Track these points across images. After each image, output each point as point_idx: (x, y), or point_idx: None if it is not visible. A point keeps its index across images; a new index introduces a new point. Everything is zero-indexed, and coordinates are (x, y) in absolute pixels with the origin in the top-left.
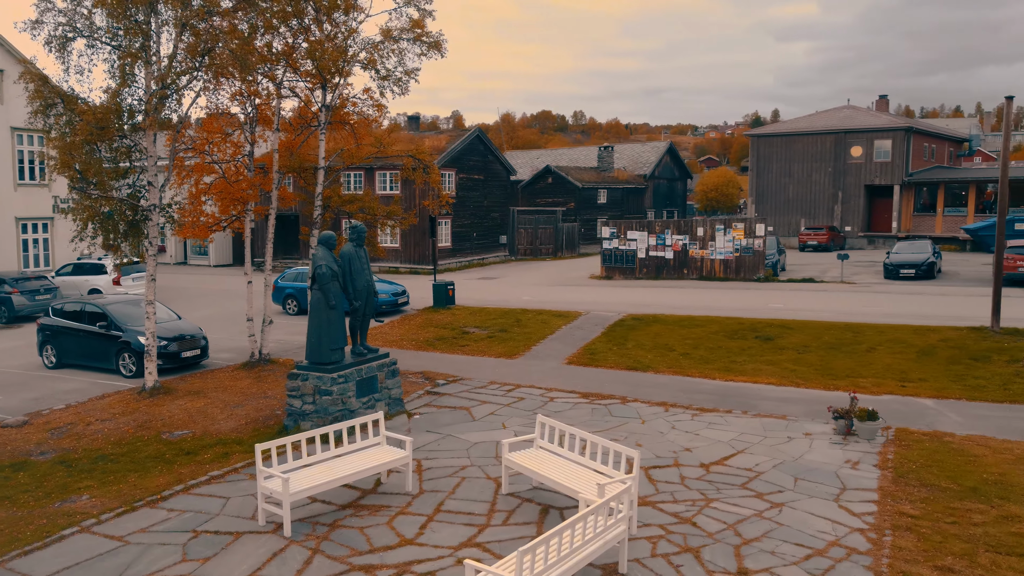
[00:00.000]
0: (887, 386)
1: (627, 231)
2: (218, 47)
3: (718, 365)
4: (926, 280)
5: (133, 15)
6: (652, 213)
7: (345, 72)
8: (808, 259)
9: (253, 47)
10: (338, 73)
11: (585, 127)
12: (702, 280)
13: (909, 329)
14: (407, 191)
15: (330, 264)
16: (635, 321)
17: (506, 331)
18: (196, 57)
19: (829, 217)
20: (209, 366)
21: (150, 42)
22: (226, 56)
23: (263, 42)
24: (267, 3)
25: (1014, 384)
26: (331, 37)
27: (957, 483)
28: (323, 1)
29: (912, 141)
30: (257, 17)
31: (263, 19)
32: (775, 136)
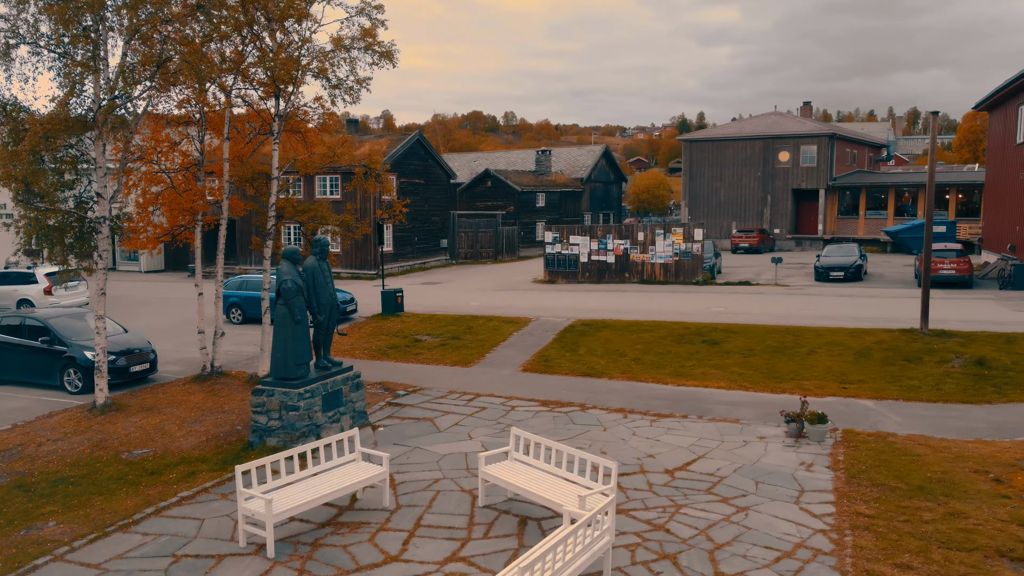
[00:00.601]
0: (829, 388)
1: (569, 236)
2: (173, 57)
3: (669, 370)
4: (854, 282)
5: (82, 22)
6: (589, 216)
7: (299, 82)
8: (741, 261)
9: (209, 58)
10: (291, 83)
11: (516, 128)
12: (643, 284)
13: (846, 332)
14: (348, 195)
15: (295, 279)
16: (585, 327)
17: (458, 338)
18: (150, 67)
19: (759, 220)
20: (159, 380)
21: (99, 50)
22: (182, 67)
23: (214, 50)
24: (219, 11)
25: (945, 384)
26: (284, 46)
27: (905, 482)
28: (275, 9)
29: (835, 147)
30: (209, 25)
31: (214, 27)
32: (707, 141)
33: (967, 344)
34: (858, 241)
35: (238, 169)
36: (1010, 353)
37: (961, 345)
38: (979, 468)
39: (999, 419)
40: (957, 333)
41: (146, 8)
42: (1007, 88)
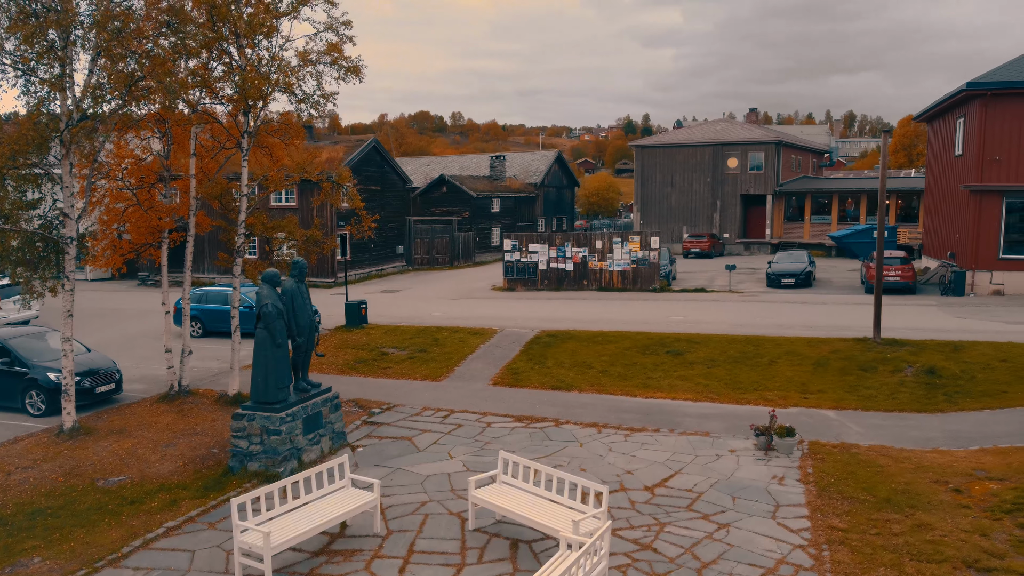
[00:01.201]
0: (792, 398)
1: (528, 244)
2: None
3: (636, 382)
4: (804, 288)
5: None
6: (542, 221)
7: (268, 99)
8: (694, 266)
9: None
10: (261, 99)
11: (464, 128)
12: (601, 291)
13: (803, 341)
14: (303, 202)
15: (275, 302)
16: (550, 338)
17: (426, 351)
18: (120, 86)
19: (709, 224)
20: (124, 400)
21: (66, 68)
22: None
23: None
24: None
25: (900, 393)
26: (254, 63)
27: (872, 494)
28: (243, 25)
29: (782, 154)
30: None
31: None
32: (658, 147)
33: (917, 353)
34: (804, 245)
35: (206, 186)
36: (958, 362)
37: (912, 354)
38: (939, 478)
39: (952, 428)
40: (907, 342)
41: (114, 25)
42: (945, 103)
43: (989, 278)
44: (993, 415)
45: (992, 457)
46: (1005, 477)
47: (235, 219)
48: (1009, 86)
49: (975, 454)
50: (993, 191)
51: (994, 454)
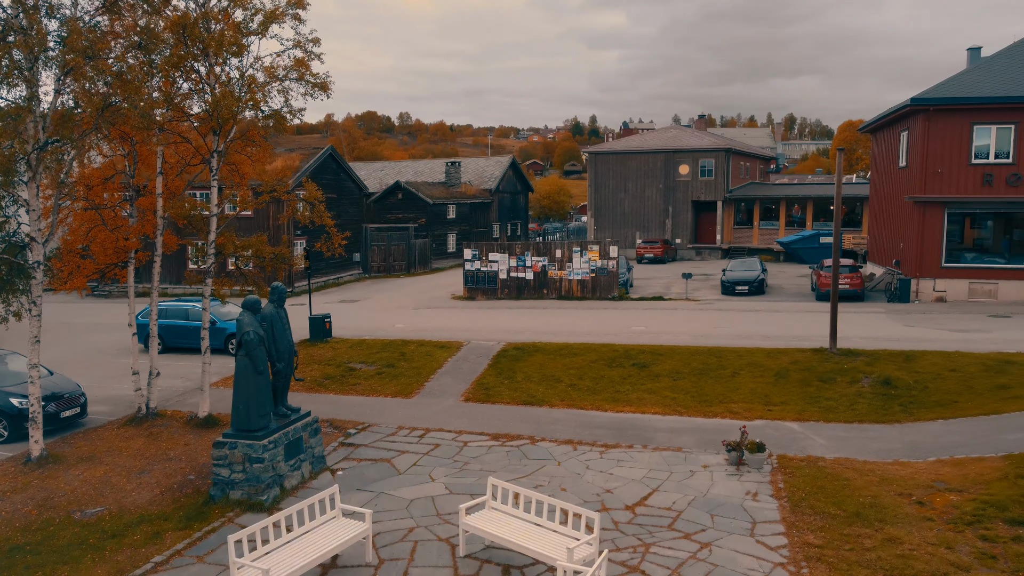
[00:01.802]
0: (757, 411)
1: (488, 253)
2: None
3: (605, 395)
4: (758, 295)
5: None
6: (497, 226)
7: (239, 120)
8: (649, 272)
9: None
10: (232, 119)
11: (411, 128)
12: (561, 300)
13: (763, 352)
14: (259, 212)
15: (256, 330)
16: (517, 351)
17: (393, 366)
18: (95, 110)
19: (661, 230)
20: (90, 424)
21: (34, 90)
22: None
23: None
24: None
25: (858, 404)
26: (224, 83)
27: (842, 509)
28: (211, 43)
29: (731, 160)
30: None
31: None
32: (611, 154)
33: (872, 363)
34: (753, 251)
35: (174, 205)
36: (911, 372)
37: (867, 364)
38: (903, 491)
39: (910, 439)
40: (862, 352)
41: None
42: (889, 116)
43: (932, 285)
44: (947, 425)
45: (950, 468)
46: (963, 488)
47: (204, 238)
48: (950, 102)
49: (934, 465)
50: (936, 202)
51: (951, 465)
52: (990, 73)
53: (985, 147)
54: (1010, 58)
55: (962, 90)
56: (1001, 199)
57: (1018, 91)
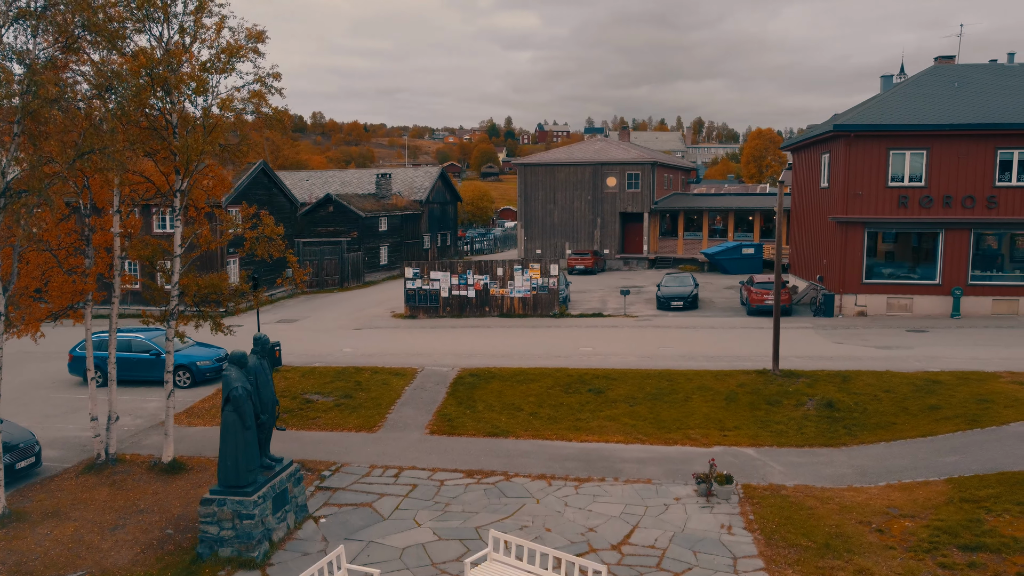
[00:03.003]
0: (713, 436)
1: (430, 272)
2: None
3: (567, 424)
4: (692, 310)
5: None
6: (428, 237)
7: (205, 158)
8: (582, 284)
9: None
10: (197, 159)
11: (325, 128)
12: (503, 317)
13: (711, 375)
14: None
15: (244, 384)
16: (473, 378)
17: (351, 397)
18: (67, 161)
19: (590, 241)
20: (45, 473)
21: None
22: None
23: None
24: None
25: (806, 428)
26: (190, 120)
27: (811, 540)
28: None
29: (656, 173)
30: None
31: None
32: (540, 165)
33: (813, 384)
34: (678, 260)
35: (136, 247)
36: (849, 394)
37: (808, 386)
38: (862, 519)
39: (858, 463)
40: (802, 373)
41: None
42: (811, 139)
43: (854, 300)
44: (889, 448)
45: (899, 493)
46: (915, 514)
47: (167, 280)
48: (870, 128)
49: (884, 491)
50: (856, 222)
51: (900, 490)
52: (903, 101)
53: (900, 171)
54: (920, 87)
55: (879, 117)
56: (915, 219)
57: (929, 119)
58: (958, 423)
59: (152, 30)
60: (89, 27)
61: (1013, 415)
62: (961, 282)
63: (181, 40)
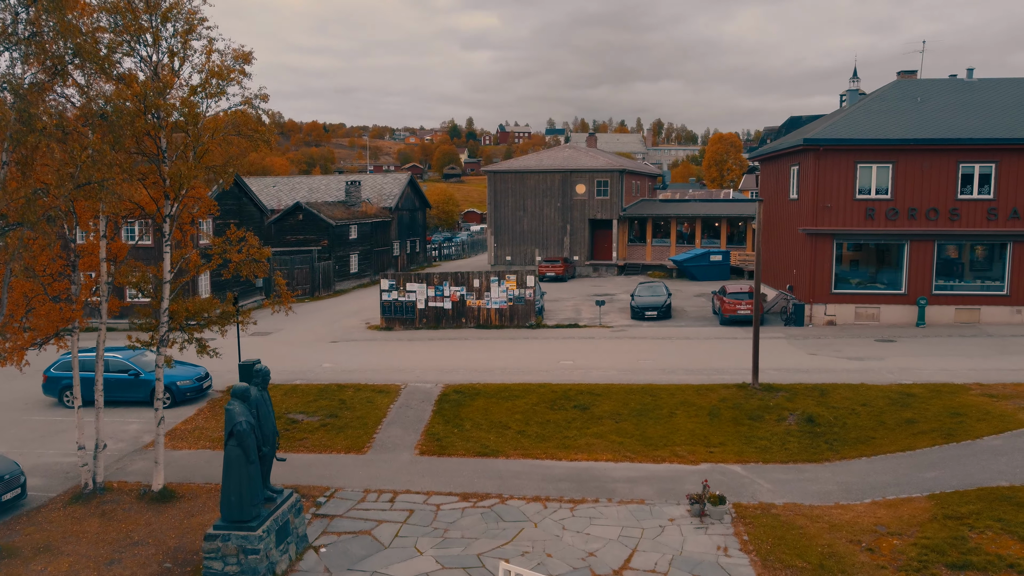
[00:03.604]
0: (699, 453)
1: (406, 283)
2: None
3: (555, 442)
4: (665, 319)
5: None
6: (397, 244)
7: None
8: (553, 292)
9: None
10: (188, 185)
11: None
12: (479, 328)
13: (692, 390)
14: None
15: (248, 419)
16: (458, 395)
17: (336, 416)
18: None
19: (560, 247)
20: (31, 504)
21: None
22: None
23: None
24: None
25: (789, 443)
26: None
27: (806, 560)
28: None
29: (625, 180)
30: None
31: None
32: (510, 173)
33: (792, 398)
34: (646, 267)
35: (123, 273)
36: (828, 408)
37: (788, 400)
38: (852, 538)
39: (842, 479)
40: (781, 387)
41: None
42: (780, 151)
43: (824, 310)
44: (871, 464)
45: (885, 511)
46: (901, 532)
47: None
48: (838, 142)
49: (871, 508)
50: (826, 234)
51: (885, 507)
52: (869, 116)
53: (868, 184)
54: (884, 102)
55: (847, 132)
56: (882, 231)
57: (894, 134)
58: (934, 437)
59: (140, 52)
60: (80, 53)
61: (986, 428)
62: (925, 292)
63: (171, 63)
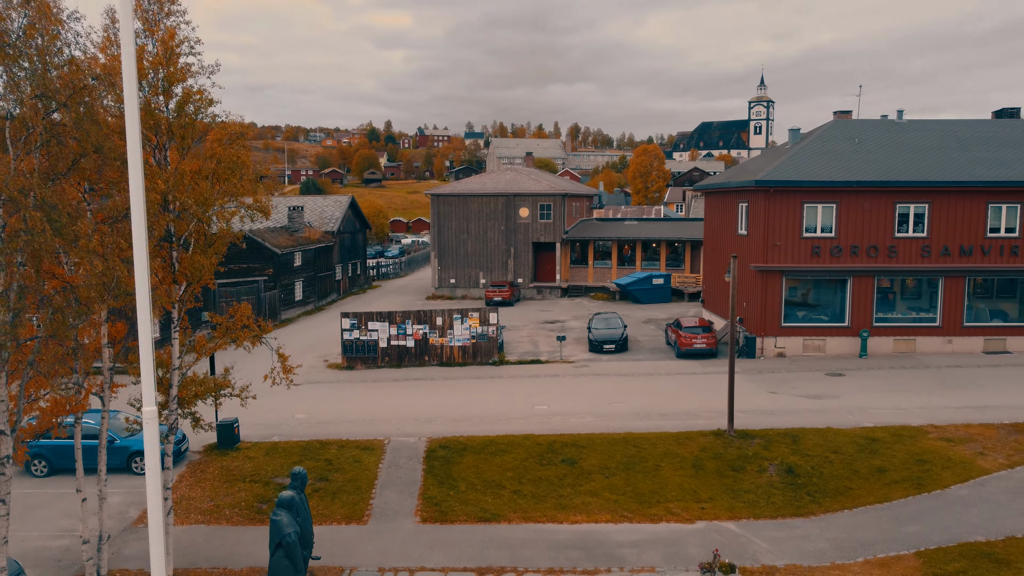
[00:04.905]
0: (692, 510)
1: (368, 322)
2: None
3: (551, 502)
4: (623, 352)
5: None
6: (339, 268)
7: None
8: (505, 318)
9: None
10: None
11: None
12: (443, 366)
13: (672, 439)
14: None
15: (296, 529)
16: (445, 451)
17: (327, 479)
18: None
19: (504, 270)
20: None
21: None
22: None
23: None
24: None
25: (774, 496)
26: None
27: None
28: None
29: (566, 203)
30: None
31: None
32: (453, 196)
33: (768, 446)
34: (589, 288)
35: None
36: (803, 456)
37: (764, 448)
38: None
39: (831, 535)
40: (754, 433)
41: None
42: (729, 188)
43: (775, 343)
44: (853, 517)
45: (879, 571)
46: None
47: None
48: (787, 184)
49: (865, 568)
50: (775, 271)
51: (879, 567)
52: (813, 157)
53: (814, 223)
54: (826, 143)
55: (795, 174)
56: (827, 268)
57: (837, 176)
58: (907, 487)
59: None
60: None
61: (951, 477)
62: (867, 324)
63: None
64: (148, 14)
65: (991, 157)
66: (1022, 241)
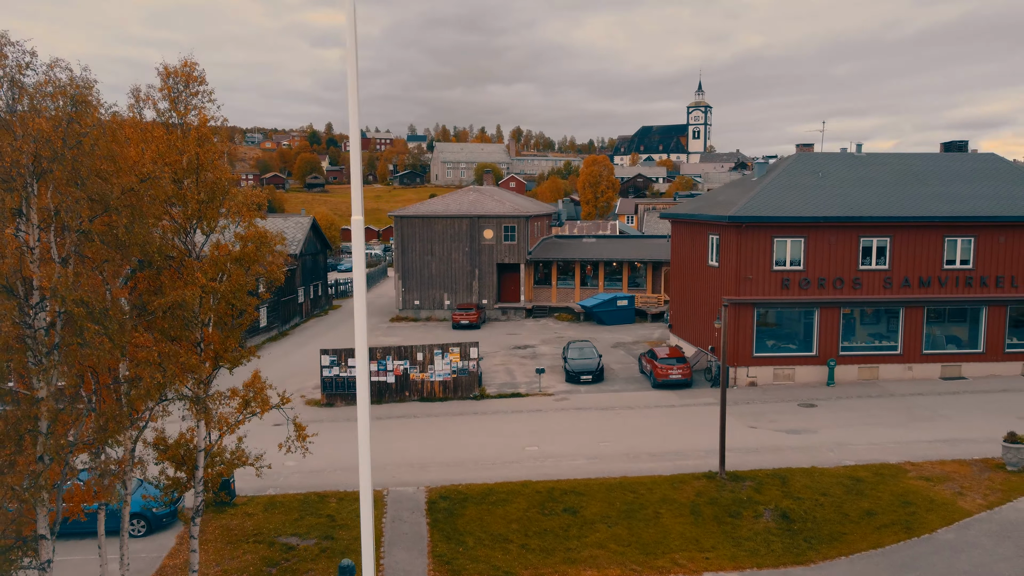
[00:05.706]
0: (697, 560)
1: (347, 358)
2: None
3: (560, 556)
4: (601, 383)
5: None
6: (302, 291)
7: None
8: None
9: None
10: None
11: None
12: (423, 402)
13: (666, 482)
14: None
15: None
16: (446, 502)
17: (332, 538)
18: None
19: (468, 291)
20: None
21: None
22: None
23: None
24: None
25: (773, 543)
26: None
27: None
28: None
29: (529, 224)
30: None
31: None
32: (417, 217)
33: (760, 489)
34: (553, 308)
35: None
36: (795, 499)
37: (756, 491)
38: None
39: None
40: (743, 474)
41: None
42: (701, 221)
43: (747, 372)
44: (851, 566)
45: None
46: None
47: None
48: (757, 220)
49: None
50: (747, 303)
51: None
52: (781, 192)
53: (783, 256)
54: (792, 176)
55: (766, 210)
56: (795, 300)
57: (805, 212)
58: (897, 531)
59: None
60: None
61: (937, 520)
62: (834, 353)
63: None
64: (176, 93)
65: (946, 192)
66: (976, 272)
